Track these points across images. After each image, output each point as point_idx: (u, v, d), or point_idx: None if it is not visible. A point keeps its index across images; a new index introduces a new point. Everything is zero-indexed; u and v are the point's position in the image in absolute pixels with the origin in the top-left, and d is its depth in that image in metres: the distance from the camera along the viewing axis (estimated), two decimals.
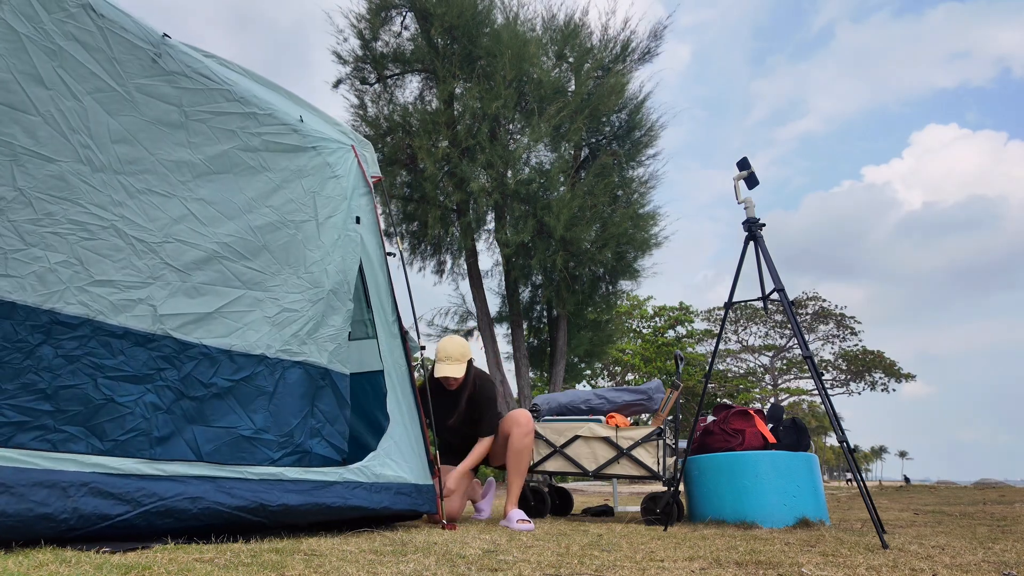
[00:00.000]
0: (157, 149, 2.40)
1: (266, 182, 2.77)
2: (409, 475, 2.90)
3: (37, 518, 1.73)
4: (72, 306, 2.17)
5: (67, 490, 1.80)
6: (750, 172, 3.34)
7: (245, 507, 2.18)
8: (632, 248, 9.96)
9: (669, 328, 25.27)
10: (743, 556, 2.10)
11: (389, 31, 10.05)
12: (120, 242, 2.29)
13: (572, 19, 10.13)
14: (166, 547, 1.88)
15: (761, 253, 3.16)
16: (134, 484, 1.94)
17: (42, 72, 2.09)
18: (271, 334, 2.72)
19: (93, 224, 2.23)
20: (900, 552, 2.27)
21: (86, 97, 2.21)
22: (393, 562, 1.78)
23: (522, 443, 3.48)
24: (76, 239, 2.18)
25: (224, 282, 2.61)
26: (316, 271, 2.94)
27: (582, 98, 9.56)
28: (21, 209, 2.06)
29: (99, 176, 2.24)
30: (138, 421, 2.28)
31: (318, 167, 3.01)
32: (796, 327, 3.01)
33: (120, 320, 2.28)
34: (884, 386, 29.42)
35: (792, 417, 3.90)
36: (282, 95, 3.01)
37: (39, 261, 2.10)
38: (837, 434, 2.72)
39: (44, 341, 2.10)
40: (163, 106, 2.41)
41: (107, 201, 2.26)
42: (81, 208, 2.20)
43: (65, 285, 2.15)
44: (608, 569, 1.80)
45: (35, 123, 2.08)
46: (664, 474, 3.84)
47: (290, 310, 2.80)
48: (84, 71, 2.20)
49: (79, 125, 2.19)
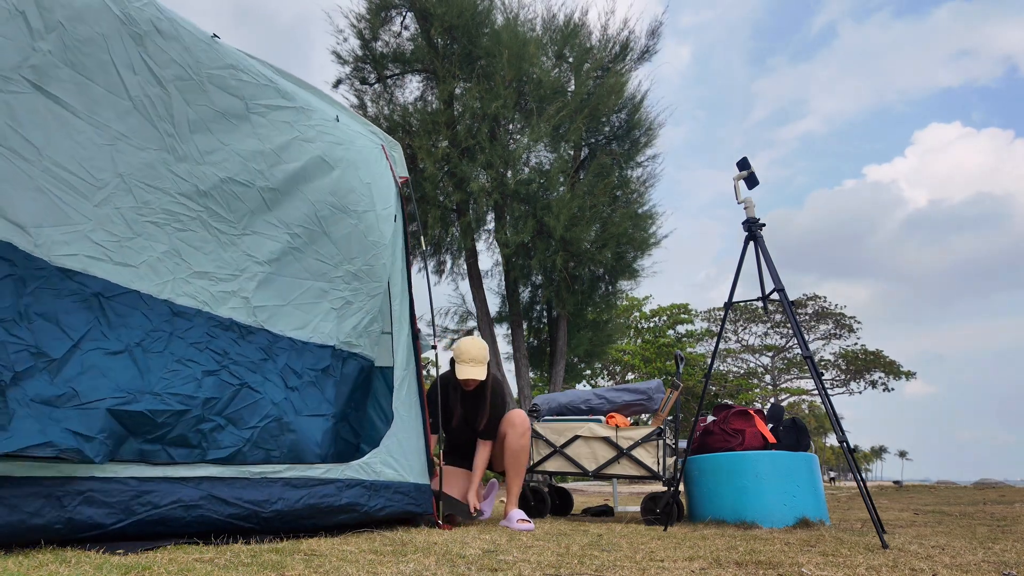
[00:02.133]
0: (229, 139, 2.40)
1: (328, 170, 2.79)
2: (409, 475, 2.89)
3: (30, 529, 1.69)
4: (182, 297, 2.17)
5: (62, 500, 1.75)
6: (750, 172, 3.34)
7: (238, 515, 2.14)
8: (632, 248, 9.96)
9: (669, 328, 25.28)
10: (743, 556, 2.10)
11: (389, 31, 10.05)
12: (207, 234, 2.30)
13: (571, 19, 10.13)
14: (166, 548, 1.88)
15: (761, 253, 3.16)
16: (131, 490, 1.89)
17: (131, 57, 2.07)
18: (337, 326, 2.76)
19: (184, 215, 2.22)
20: (900, 552, 2.27)
21: (169, 85, 2.20)
22: (393, 562, 1.78)
23: (519, 444, 3.48)
24: (172, 229, 2.18)
25: (296, 273, 2.63)
26: (375, 264, 2.97)
27: (582, 98, 9.56)
28: (124, 196, 2.04)
29: (183, 166, 2.23)
30: (268, 408, 2.34)
31: (368, 160, 3.05)
32: (796, 327, 3.01)
33: (224, 311, 2.31)
34: (884, 385, 29.44)
35: (792, 417, 3.90)
36: (316, 95, 3.02)
37: (147, 251, 2.09)
38: (837, 434, 2.72)
39: (172, 332, 2.11)
40: (229, 97, 2.41)
41: (192, 191, 2.26)
42: (171, 198, 2.19)
43: (173, 276, 2.15)
44: (608, 569, 1.80)
45: (126, 108, 2.06)
46: (664, 474, 3.84)
47: (351, 303, 2.83)
48: (165, 58, 2.18)
49: (164, 113, 2.18)
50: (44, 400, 1.74)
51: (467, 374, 3.35)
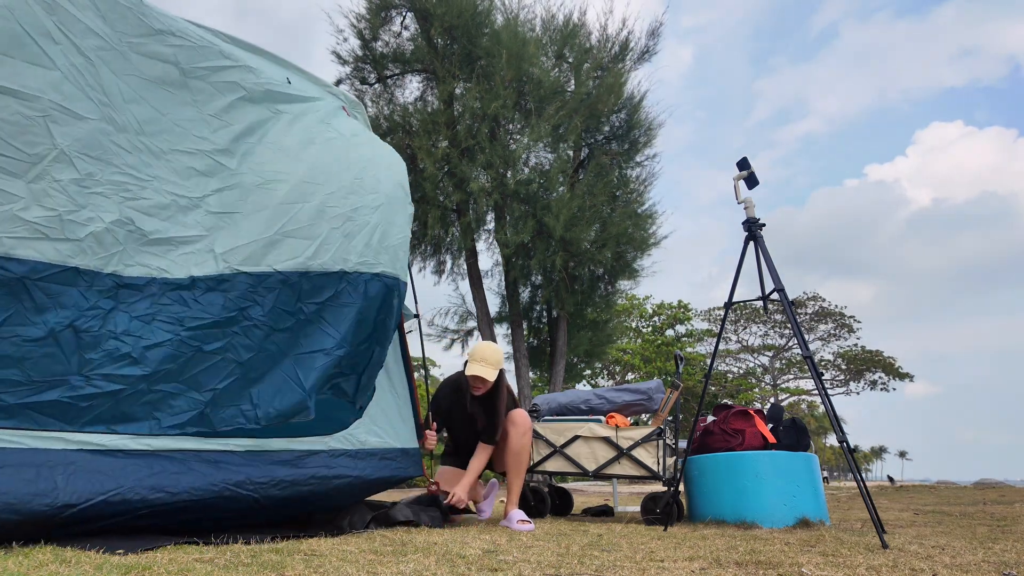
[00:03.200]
0: (167, 109, 2.31)
1: (285, 120, 2.67)
2: (395, 440, 2.84)
3: (31, 495, 1.71)
4: (132, 267, 2.09)
5: (54, 468, 1.77)
6: (750, 172, 3.33)
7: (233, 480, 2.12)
8: (631, 247, 9.96)
9: (668, 327, 25.27)
10: (743, 556, 2.10)
11: (389, 31, 10.05)
12: (162, 199, 2.21)
13: (570, 19, 10.13)
14: (166, 548, 1.88)
15: (761, 253, 3.16)
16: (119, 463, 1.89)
17: (47, 26, 1.99)
18: (344, 246, 2.51)
19: (132, 184, 2.14)
20: (900, 552, 2.27)
21: (91, 54, 2.11)
22: (393, 562, 1.78)
23: (520, 443, 3.48)
24: (120, 199, 2.10)
25: (275, 204, 2.46)
26: (368, 175, 2.73)
27: (581, 97, 9.57)
28: (64, 168, 1.97)
29: (124, 136, 2.16)
30: (232, 366, 2.20)
31: (325, 114, 2.90)
32: (796, 327, 3.01)
33: (183, 272, 2.20)
34: (884, 385, 29.44)
35: (792, 417, 3.90)
36: (266, 58, 2.90)
37: (93, 222, 2.01)
38: (837, 434, 2.72)
39: (115, 306, 2.02)
40: (160, 65, 2.30)
41: (137, 163, 2.18)
42: (116, 168, 2.12)
43: (123, 246, 2.08)
44: (608, 569, 1.80)
45: (57, 78, 1.98)
46: (664, 474, 3.84)
47: (352, 219, 2.57)
48: (81, 27, 2.09)
49: (94, 83, 2.09)
50: None
51: (473, 371, 3.34)
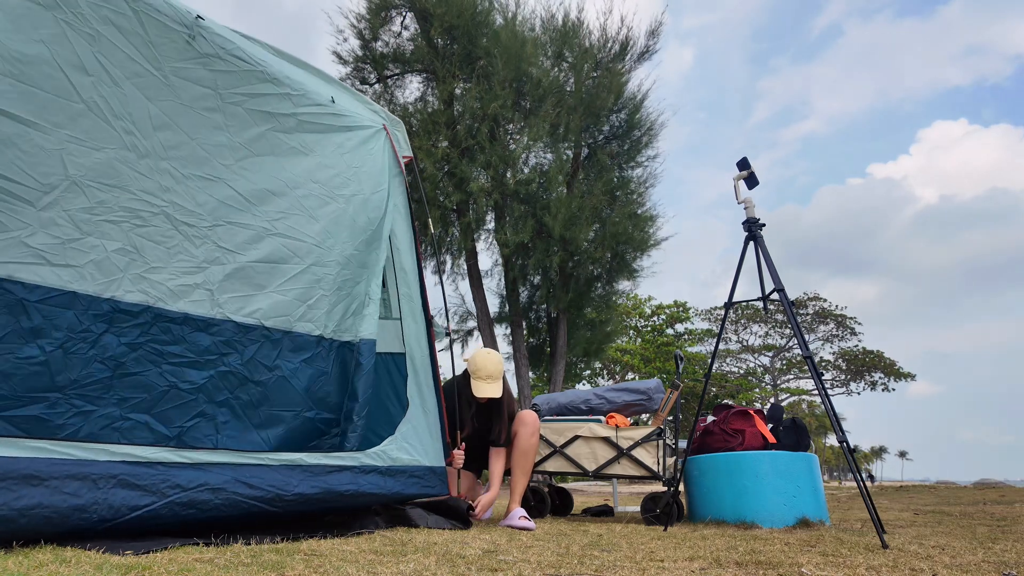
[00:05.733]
0: (197, 133, 2.38)
1: (308, 160, 2.74)
2: (424, 458, 2.92)
3: (71, 509, 1.78)
4: (132, 293, 2.16)
5: (97, 482, 1.84)
6: (750, 172, 3.34)
7: (263, 497, 2.21)
8: (631, 248, 9.96)
9: (667, 326, 25.27)
10: (743, 556, 2.10)
11: (389, 31, 10.05)
12: (171, 228, 2.28)
13: (569, 19, 10.13)
14: (166, 548, 1.87)
15: (761, 253, 3.16)
16: (160, 475, 1.98)
17: (83, 58, 2.07)
18: (328, 313, 2.69)
19: (144, 211, 2.21)
20: (900, 552, 2.27)
21: (126, 83, 2.18)
22: (393, 562, 1.78)
23: (528, 443, 3.52)
24: (130, 226, 2.17)
25: (281, 259, 2.57)
26: (369, 246, 2.91)
27: (581, 97, 9.57)
28: (74, 198, 2.04)
29: (145, 162, 2.22)
30: (202, 407, 2.30)
31: (355, 146, 3.00)
32: (796, 327, 3.01)
33: (179, 306, 2.27)
34: (884, 386, 29.43)
35: (792, 417, 3.90)
36: (312, 73, 2.97)
37: (96, 249, 2.09)
38: (837, 434, 2.72)
39: (107, 330, 2.10)
40: (199, 89, 2.38)
41: (155, 187, 2.24)
42: (131, 195, 2.18)
43: (123, 273, 2.15)
44: (608, 569, 1.80)
45: (79, 111, 2.06)
46: (664, 474, 3.84)
47: (342, 288, 2.76)
48: (122, 56, 2.17)
49: (121, 111, 2.17)
50: None
51: (485, 392, 3.35)
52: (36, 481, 1.74)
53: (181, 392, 2.26)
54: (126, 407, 2.13)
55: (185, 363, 2.27)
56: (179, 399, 2.25)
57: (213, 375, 2.34)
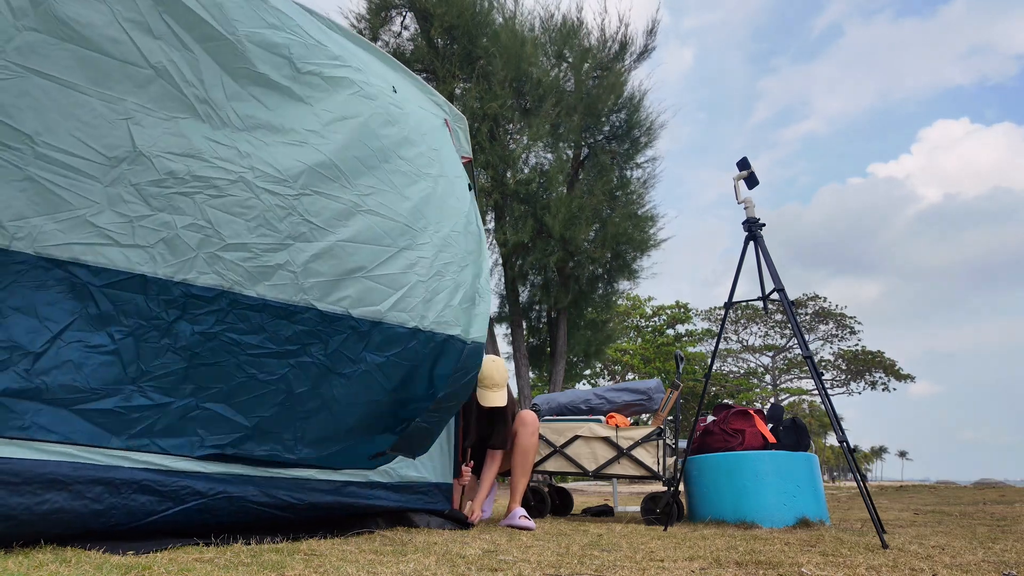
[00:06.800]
0: (275, 104, 2.16)
1: (394, 131, 2.50)
2: (431, 475, 2.88)
3: (91, 514, 1.76)
4: (206, 276, 1.96)
5: (119, 488, 1.82)
6: (750, 172, 3.34)
7: (276, 505, 2.19)
8: (631, 248, 9.96)
9: (668, 327, 25.28)
10: (743, 556, 2.10)
11: (389, 31, 10.05)
12: (251, 196, 2.02)
13: (568, 18, 10.13)
14: (166, 548, 1.87)
15: (761, 253, 3.16)
16: (181, 481, 1.95)
17: (149, 20, 1.88)
18: (426, 302, 2.42)
19: (220, 179, 1.97)
20: (900, 552, 2.27)
21: (196, 47, 1.98)
22: (393, 562, 1.78)
23: (529, 442, 3.52)
24: (203, 197, 1.95)
25: (373, 239, 2.29)
26: (467, 232, 2.67)
27: (581, 97, 9.57)
28: (142, 171, 1.86)
29: (220, 132, 2.01)
30: (282, 397, 2.13)
31: (431, 129, 2.77)
32: (796, 327, 3.01)
33: (258, 290, 2.05)
34: (884, 385, 29.44)
35: (792, 417, 3.90)
36: (374, 55, 2.73)
37: (167, 227, 1.90)
38: (837, 434, 2.72)
39: (180, 317, 1.94)
40: (274, 58, 2.16)
41: (232, 154, 2.01)
42: (205, 163, 1.96)
43: (196, 252, 1.95)
44: (608, 569, 1.80)
45: (147, 76, 1.87)
46: (664, 474, 3.84)
47: (447, 275, 2.50)
48: (193, 18, 1.96)
49: (193, 78, 1.96)
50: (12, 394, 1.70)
51: (492, 401, 3.35)
52: (60, 485, 1.71)
53: (260, 383, 2.08)
54: (202, 396, 1.99)
55: (264, 354, 2.08)
56: (258, 390, 2.07)
57: (294, 365, 2.13)
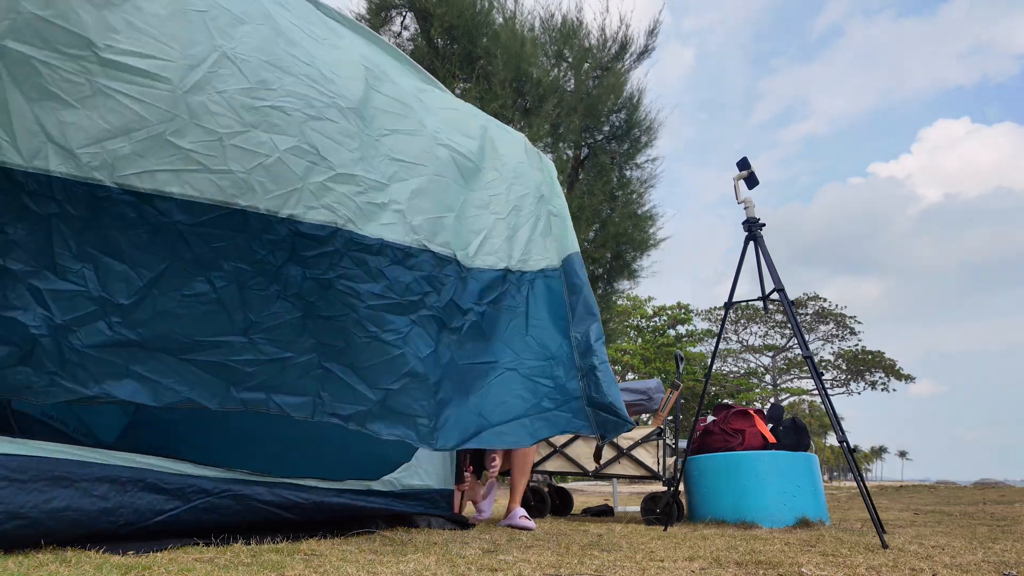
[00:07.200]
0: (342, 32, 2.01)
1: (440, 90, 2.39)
2: (434, 481, 2.89)
3: (99, 512, 1.74)
4: (315, 211, 1.66)
5: (125, 485, 1.79)
6: (750, 172, 3.34)
7: (283, 504, 2.19)
8: (631, 248, 9.97)
9: (669, 327, 25.29)
10: (743, 556, 2.10)
11: (389, 31, 10.05)
12: (349, 124, 1.76)
13: (568, 18, 10.13)
14: (166, 548, 1.88)
15: (761, 253, 3.16)
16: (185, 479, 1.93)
17: None
18: (510, 240, 2.20)
19: (316, 99, 1.69)
20: (900, 552, 2.27)
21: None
22: (393, 562, 1.78)
23: None
24: (303, 117, 1.65)
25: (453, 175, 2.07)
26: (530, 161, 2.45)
27: (581, 96, 9.57)
28: (228, 76, 1.54)
29: (300, 47, 1.72)
30: (412, 363, 1.86)
31: None
32: (796, 327, 3.01)
33: (372, 230, 1.77)
34: (884, 386, 29.45)
35: (792, 417, 3.90)
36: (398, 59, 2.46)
37: (265, 147, 1.58)
38: (837, 434, 2.72)
39: (288, 259, 1.66)
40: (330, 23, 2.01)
41: (317, 75, 1.73)
42: (295, 78, 1.67)
43: (303, 181, 1.64)
44: (608, 569, 1.80)
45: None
46: (664, 474, 3.84)
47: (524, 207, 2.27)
48: None
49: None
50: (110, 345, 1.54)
51: None
52: (67, 483, 1.68)
53: (385, 346, 1.80)
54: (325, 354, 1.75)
55: (385, 307, 1.80)
56: (383, 354, 1.80)
57: (415, 321, 1.86)
